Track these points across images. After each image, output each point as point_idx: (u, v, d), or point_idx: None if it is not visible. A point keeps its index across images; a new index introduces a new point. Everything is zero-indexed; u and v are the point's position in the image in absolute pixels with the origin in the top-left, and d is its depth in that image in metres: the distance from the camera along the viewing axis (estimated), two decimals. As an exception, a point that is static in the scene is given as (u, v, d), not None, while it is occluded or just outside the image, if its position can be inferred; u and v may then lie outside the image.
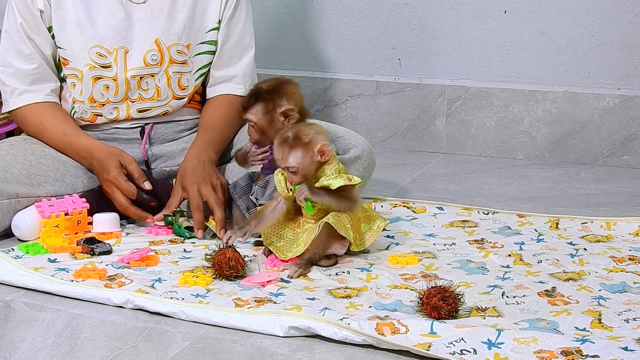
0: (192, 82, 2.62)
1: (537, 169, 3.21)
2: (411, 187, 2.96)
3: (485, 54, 3.38)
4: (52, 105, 2.59)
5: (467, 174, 3.14)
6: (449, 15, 3.39)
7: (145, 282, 2.09)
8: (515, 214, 2.58)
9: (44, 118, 2.56)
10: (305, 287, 2.06)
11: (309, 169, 2.14)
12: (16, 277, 2.12)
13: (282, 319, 1.86)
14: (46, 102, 2.58)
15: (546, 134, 3.30)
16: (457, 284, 2.04)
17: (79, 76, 2.54)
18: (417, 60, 3.48)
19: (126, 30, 2.53)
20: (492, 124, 3.37)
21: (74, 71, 2.54)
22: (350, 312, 1.92)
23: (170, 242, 2.37)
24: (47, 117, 2.56)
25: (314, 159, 2.14)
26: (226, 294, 2.02)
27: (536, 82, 3.32)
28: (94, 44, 2.52)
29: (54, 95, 2.60)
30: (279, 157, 2.15)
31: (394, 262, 2.22)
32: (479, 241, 2.39)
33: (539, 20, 3.28)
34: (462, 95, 3.39)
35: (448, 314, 1.87)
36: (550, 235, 2.43)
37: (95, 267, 2.18)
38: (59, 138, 2.54)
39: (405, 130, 3.50)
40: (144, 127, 2.63)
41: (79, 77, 2.54)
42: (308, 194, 2.13)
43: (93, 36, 2.52)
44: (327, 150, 2.14)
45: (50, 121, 2.55)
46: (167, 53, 2.55)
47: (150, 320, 1.94)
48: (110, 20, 2.52)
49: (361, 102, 3.54)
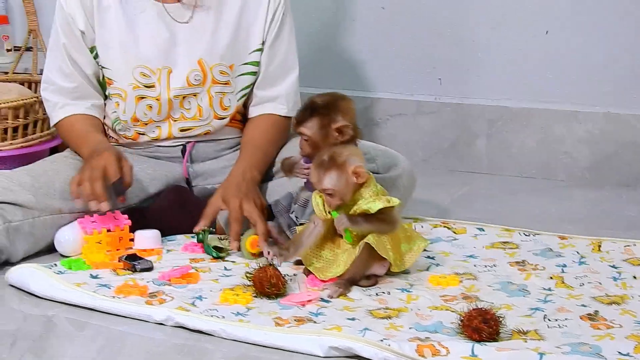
0: (234, 102, 2.62)
1: (578, 190, 3.19)
2: (451, 207, 2.95)
3: (526, 74, 3.36)
4: (91, 118, 2.61)
5: (507, 194, 3.13)
6: (490, 35, 3.39)
7: (186, 299, 2.09)
8: (556, 236, 2.56)
9: (77, 122, 2.59)
10: (346, 307, 2.06)
11: (346, 192, 2.13)
12: (58, 293, 2.14)
13: (323, 339, 1.86)
14: (86, 115, 2.60)
15: (588, 154, 3.28)
16: (499, 306, 2.02)
17: (122, 95, 2.56)
18: (458, 80, 3.47)
19: (170, 50, 2.55)
20: (533, 144, 3.35)
21: (118, 90, 2.56)
22: (390, 332, 1.91)
23: (211, 260, 2.37)
24: (84, 127, 2.58)
25: (349, 180, 2.13)
26: (266, 313, 2.02)
27: (578, 102, 3.30)
28: (138, 64, 2.54)
29: (95, 109, 2.62)
30: (315, 180, 2.14)
31: (435, 283, 2.21)
32: (520, 263, 2.37)
33: (581, 40, 3.26)
34: (503, 115, 3.38)
35: (489, 337, 1.85)
36: (592, 257, 2.41)
37: (136, 284, 2.19)
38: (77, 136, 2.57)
39: (445, 150, 3.49)
40: (185, 146, 2.64)
41: (123, 96, 2.56)
42: (348, 224, 2.13)
43: (137, 56, 2.53)
44: (361, 172, 2.13)
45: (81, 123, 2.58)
46: (210, 73, 2.56)
47: (190, 337, 1.95)
48: (154, 40, 2.54)
49: (401, 121, 3.54)
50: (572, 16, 3.26)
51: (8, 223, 2.34)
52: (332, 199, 2.12)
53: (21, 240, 2.38)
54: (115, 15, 2.54)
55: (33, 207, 2.39)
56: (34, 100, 2.92)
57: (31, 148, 2.95)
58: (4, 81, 3.17)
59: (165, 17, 2.54)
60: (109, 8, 2.54)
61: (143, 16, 2.54)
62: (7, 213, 2.35)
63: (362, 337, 1.86)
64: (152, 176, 2.61)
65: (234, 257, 2.39)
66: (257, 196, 2.44)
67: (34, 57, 3.37)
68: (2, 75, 3.38)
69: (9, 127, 2.87)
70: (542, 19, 3.30)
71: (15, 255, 2.37)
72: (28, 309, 2.10)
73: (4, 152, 2.88)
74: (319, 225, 2.21)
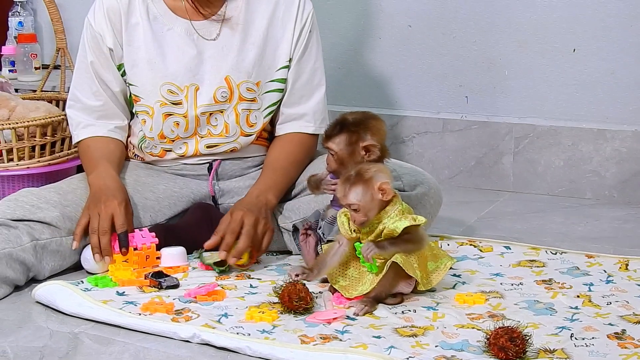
0: (261, 120, 2.63)
1: (605, 208, 3.17)
2: (478, 225, 2.94)
3: (553, 92, 3.36)
4: (111, 141, 2.61)
5: (534, 212, 3.12)
6: (517, 53, 3.38)
7: (211, 316, 2.10)
8: (583, 254, 2.55)
9: (94, 145, 2.58)
10: (371, 325, 2.05)
11: (371, 207, 2.13)
12: (84, 310, 2.15)
13: (348, 357, 1.86)
14: (107, 137, 2.60)
15: (615, 173, 3.26)
16: (525, 325, 2.01)
17: (149, 112, 2.57)
18: (485, 98, 3.47)
19: (197, 68, 2.56)
20: (560, 162, 3.34)
21: (145, 108, 2.58)
22: (416, 351, 1.91)
23: (237, 277, 2.38)
24: (97, 145, 2.58)
25: (375, 196, 2.12)
26: (292, 331, 2.02)
27: (605, 121, 3.29)
28: (165, 81, 2.55)
29: (117, 131, 2.62)
30: (340, 195, 2.14)
31: (461, 301, 2.21)
32: (547, 281, 2.36)
33: (608, 58, 3.25)
34: (529, 133, 3.37)
35: (516, 355, 1.85)
36: (619, 276, 2.39)
37: (162, 301, 2.19)
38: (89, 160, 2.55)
39: (472, 168, 3.48)
40: (212, 164, 2.65)
41: (150, 113, 2.57)
42: (376, 251, 2.11)
43: (164, 73, 2.55)
44: (387, 189, 2.13)
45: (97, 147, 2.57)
46: (237, 90, 2.57)
47: (216, 355, 1.95)
48: (181, 58, 2.55)
49: (428, 139, 3.54)
50: (600, 34, 3.25)
51: (35, 241, 2.35)
52: (357, 214, 2.12)
53: (48, 257, 2.39)
54: (144, 33, 2.55)
55: (60, 225, 2.40)
56: (62, 118, 2.93)
57: (58, 165, 2.96)
58: (32, 99, 3.19)
59: (192, 34, 2.56)
60: (137, 25, 2.56)
61: (170, 33, 2.56)
62: (34, 231, 2.36)
63: (388, 355, 1.86)
64: (179, 194, 2.62)
65: (259, 274, 2.40)
66: (266, 219, 2.42)
67: (62, 75, 3.39)
68: (30, 93, 3.40)
69: (36, 145, 2.89)
70: (570, 37, 3.29)
71: (42, 273, 2.38)
72: (55, 325, 2.11)
73: (31, 169, 2.90)
74: (344, 244, 2.21)
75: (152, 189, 2.60)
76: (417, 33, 3.53)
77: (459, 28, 3.46)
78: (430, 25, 3.51)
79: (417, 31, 3.53)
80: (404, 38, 3.55)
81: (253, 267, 2.45)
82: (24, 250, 2.33)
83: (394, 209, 2.15)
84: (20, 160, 2.88)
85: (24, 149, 2.88)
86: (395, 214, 2.14)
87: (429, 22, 3.51)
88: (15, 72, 4.03)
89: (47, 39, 4.26)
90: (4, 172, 2.87)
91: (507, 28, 3.38)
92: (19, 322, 2.13)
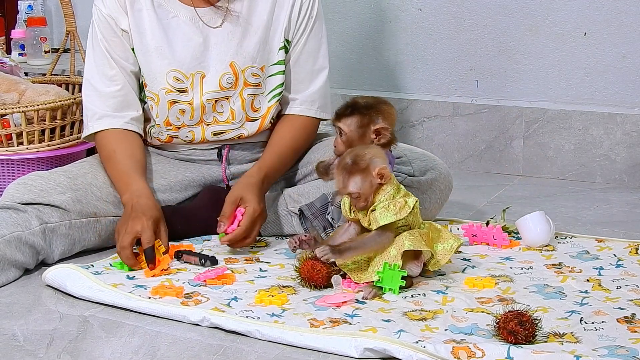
0: (265, 104, 2.61)
1: (616, 192, 3.17)
2: (487, 209, 2.94)
3: (564, 76, 3.35)
4: (129, 135, 2.57)
5: (544, 197, 3.11)
6: (528, 37, 3.37)
7: (221, 300, 2.10)
8: (593, 239, 2.55)
9: (118, 147, 2.53)
10: (381, 309, 2.05)
11: (370, 192, 2.14)
12: (94, 293, 2.15)
13: (358, 340, 1.86)
14: (124, 130, 2.56)
15: (626, 157, 3.26)
16: (535, 309, 2.01)
17: (155, 99, 2.56)
18: (495, 82, 3.46)
19: (203, 55, 2.54)
20: (571, 146, 3.34)
21: (151, 94, 2.56)
22: (425, 334, 1.90)
23: (246, 261, 2.38)
24: (120, 147, 2.53)
25: (373, 182, 2.13)
26: (301, 314, 2.02)
27: (616, 104, 3.28)
28: (171, 68, 2.53)
29: (134, 123, 2.58)
30: (339, 185, 2.14)
31: (470, 285, 2.20)
32: (557, 265, 2.36)
33: (619, 42, 3.24)
34: (540, 117, 3.37)
35: (525, 339, 1.84)
36: (629, 260, 2.39)
37: (172, 285, 2.20)
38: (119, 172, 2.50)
39: (482, 152, 3.48)
40: (221, 150, 2.64)
41: (156, 100, 2.56)
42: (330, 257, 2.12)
43: (170, 61, 2.53)
44: (386, 173, 2.12)
45: (122, 151, 2.52)
46: (242, 76, 2.56)
47: (225, 338, 1.95)
48: (187, 45, 2.54)
49: (438, 123, 3.53)
50: (611, 18, 3.24)
51: (45, 224, 2.36)
52: (358, 200, 2.13)
53: (58, 241, 2.39)
54: (149, 19, 2.53)
55: (70, 209, 2.40)
56: (71, 102, 2.94)
57: (68, 149, 2.96)
58: (41, 82, 3.19)
59: (197, 21, 2.54)
60: (141, 11, 2.54)
61: (176, 20, 2.54)
62: (43, 214, 2.36)
63: (397, 338, 1.86)
64: (191, 178, 2.62)
65: (268, 258, 2.40)
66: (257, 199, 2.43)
67: (71, 58, 3.39)
68: (40, 76, 3.41)
69: (46, 128, 2.89)
70: (581, 21, 3.28)
71: (52, 257, 2.39)
72: (64, 309, 2.11)
73: (41, 153, 2.90)
74: (352, 225, 2.21)
75: (164, 174, 2.60)
76: (428, 17, 3.52)
77: (469, 12, 3.45)
78: (440, 9, 3.50)
79: (428, 15, 3.52)
80: (415, 22, 3.54)
81: (262, 251, 2.46)
82: (33, 233, 2.33)
83: (384, 194, 2.14)
84: (30, 144, 2.89)
85: (33, 132, 2.89)
86: (385, 198, 2.13)
87: (439, 5, 3.50)
88: (25, 55, 4.04)
89: (57, 22, 4.27)
90: (14, 155, 2.87)
91: (518, 12, 3.37)
92: (29, 305, 2.14)
